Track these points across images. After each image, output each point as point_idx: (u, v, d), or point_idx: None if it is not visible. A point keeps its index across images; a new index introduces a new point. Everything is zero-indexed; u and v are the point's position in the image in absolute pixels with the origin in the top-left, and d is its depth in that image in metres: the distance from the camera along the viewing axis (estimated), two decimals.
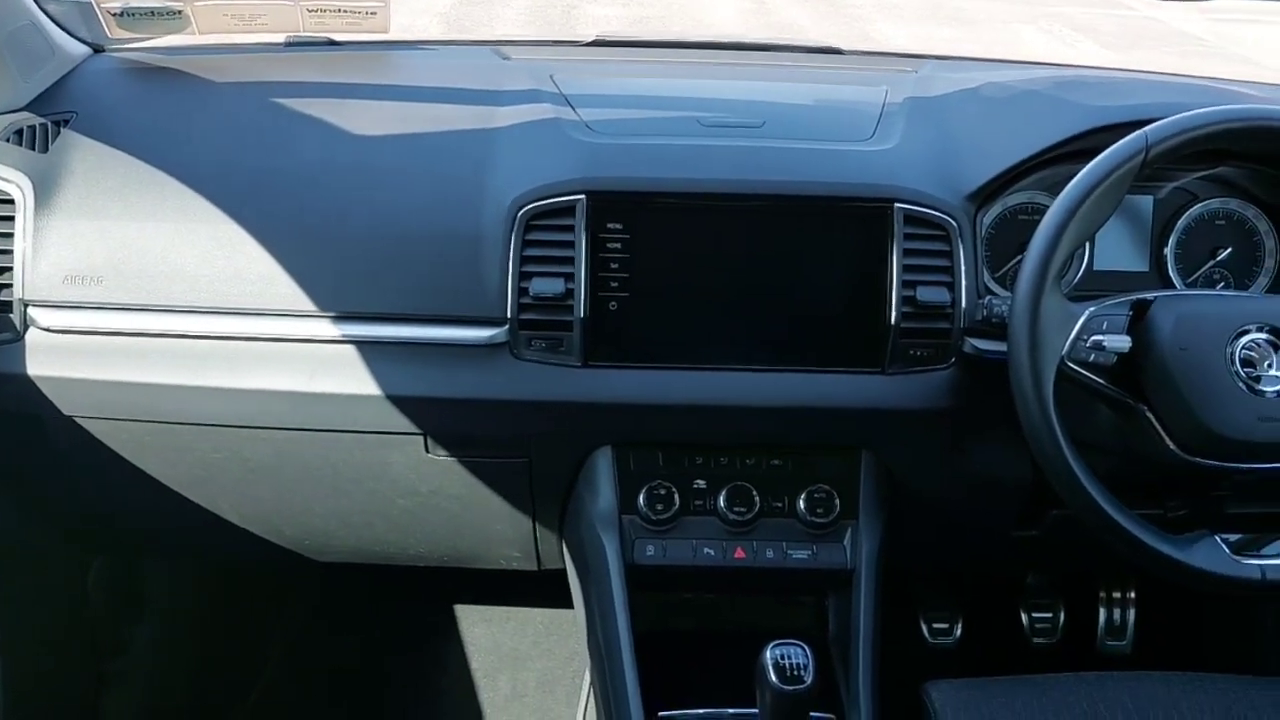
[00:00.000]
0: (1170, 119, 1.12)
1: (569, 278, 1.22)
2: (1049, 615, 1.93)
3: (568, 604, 1.46)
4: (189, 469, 1.38)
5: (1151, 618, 1.90)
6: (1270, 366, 1.11)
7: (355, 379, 1.25)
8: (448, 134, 1.33)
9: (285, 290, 1.24)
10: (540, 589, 1.66)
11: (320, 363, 1.25)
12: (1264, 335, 1.12)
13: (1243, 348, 1.11)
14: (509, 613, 2.00)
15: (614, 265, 1.24)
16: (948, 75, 1.51)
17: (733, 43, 1.76)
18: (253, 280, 1.24)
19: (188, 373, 1.26)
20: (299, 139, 1.33)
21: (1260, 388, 1.10)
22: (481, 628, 1.99)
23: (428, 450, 1.31)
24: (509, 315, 1.23)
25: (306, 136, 1.33)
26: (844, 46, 1.77)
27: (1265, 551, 1.12)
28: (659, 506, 1.31)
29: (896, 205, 1.25)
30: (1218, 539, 1.11)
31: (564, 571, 1.46)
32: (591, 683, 1.39)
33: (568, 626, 1.94)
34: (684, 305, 1.26)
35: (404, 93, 1.45)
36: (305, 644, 1.97)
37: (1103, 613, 1.92)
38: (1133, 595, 1.91)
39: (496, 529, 1.43)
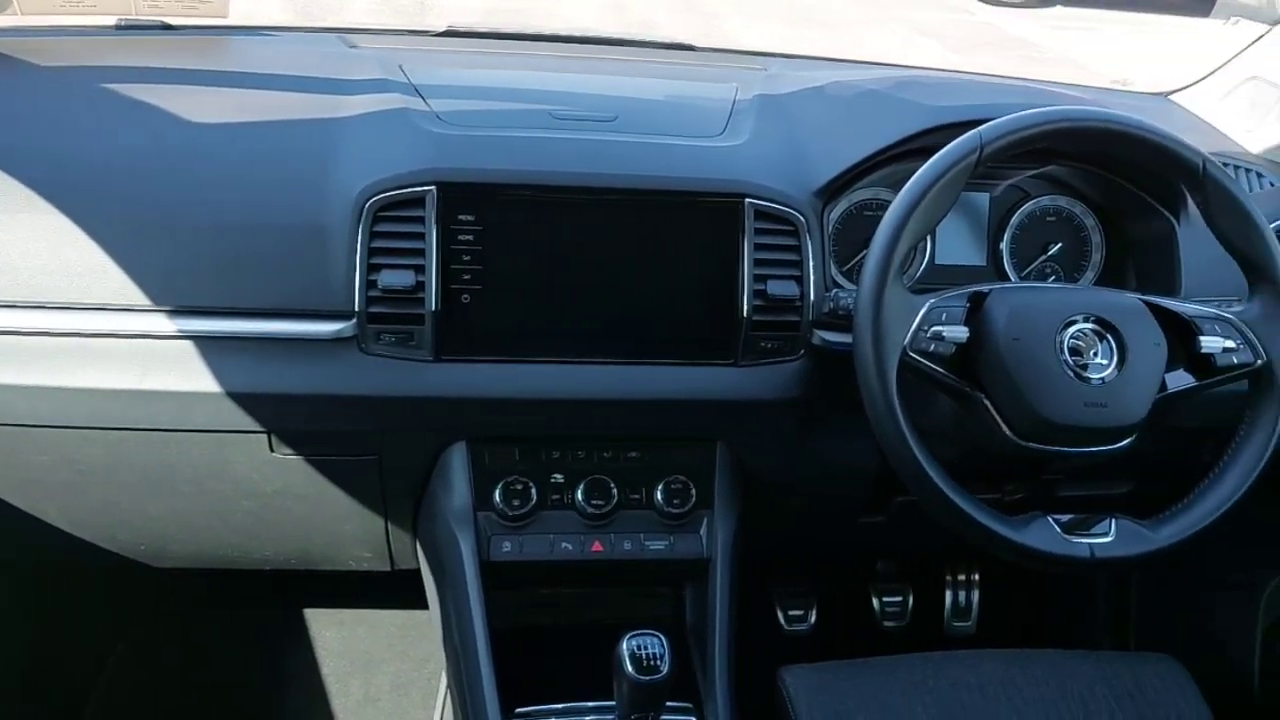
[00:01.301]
0: (1002, 119, 1.15)
1: (419, 270, 1.20)
2: (899, 599, 1.99)
3: (423, 604, 1.44)
4: (12, 473, 1.30)
5: (995, 599, 1.98)
6: (1096, 355, 1.16)
7: (192, 376, 1.20)
8: (291, 123, 1.29)
9: (116, 284, 1.17)
10: (394, 590, 1.63)
11: (153, 359, 1.19)
12: (1090, 325, 1.17)
13: (1070, 337, 1.16)
14: (361, 615, 1.95)
15: (466, 258, 1.22)
16: (795, 74, 1.54)
17: (586, 36, 1.76)
18: (80, 273, 1.17)
19: (10, 371, 1.19)
20: (131, 126, 1.27)
21: (1087, 375, 1.15)
22: (333, 631, 1.93)
23: (272, 449, 1.27)
24: (356, 308, 1.19)
25: (139, 124, 1.27)
26: (697, 43, 1.79)
27: (1094, 531, 1.17)
28: (515, 502, 1.30)
29: (747, 200, 1.26)
30: (1050, 520, 1.16)
31: (418, 571, 1.44)
32: (448, 684, 1.37)
33: (423, 628, 1.91)
34: (538, 298, 1.25)
35: (245, 80, 1.39)
36: (145, 650, 1.88)
37: (949, 595, 1.99)
38: (977, 578, 1.99)
39: (347, 529, 1.40)
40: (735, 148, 1.33)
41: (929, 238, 1.43)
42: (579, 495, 1.31)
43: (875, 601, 1.98)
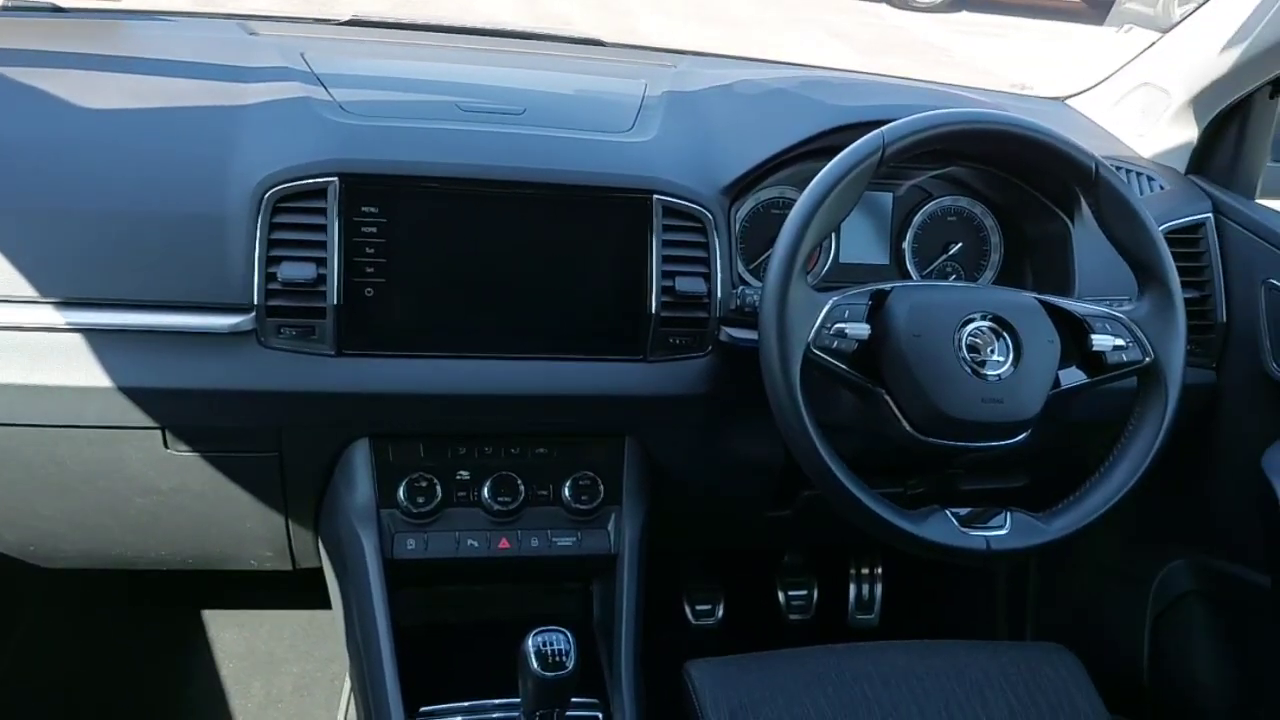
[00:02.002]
0: (905, 120, 1.17)
1: (321, 263, 1.17)
2: (804, 593, 2.02)
3: (326, 604, 1.41)
4: None
5: (897, 592, 2.02)
6: (993, 352, 1.18)
7: (83, 370, 1.16)
8: (187, 110, 1.25)
9: (2, 275, 1.13)
10: (296, 589, 1.59)
11: (42, 353, 1.15)
12: (987, 323, 1.19)
13: (969, 334, 1.18)
14: (262, 616, 1.91)
15: (369, 250, 1.20)
16: (704, 71, 1.55)
17: (494, 29, 1.74)
18: None
19: None
20: (16, 111, 1.22)
21: (984, 372, 1.17)
22: (232, 632, 1.88)
23: (167, 445, 1.23)
24: (255, 301, 1.17)
25: (25, 108, 1.22)
26: (607, 39, 1.78)
27: (990, 524, 1.19)
28: (420, 499, 1.28)
29: (655, 197, 1.27)
30: (948, 513, 1.18)
31: (321, 570, 1.41)
32: (351, 684, 1.35)
33: (326, 627, 1.88)
34: (444, 292, 1.24)
35: (138, 66, 1.35)
36: (35, 650, 1.81)
37: (853, 588, 2.03)
38: (880, 571, 2.03)
39: (246, 527, 1.36)
40: (644, 144, 1.33)
41: (833, 236, 1.44)
42: (485, 492, 1.30)
43: (781, 595, 2.01)
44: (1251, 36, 1.37)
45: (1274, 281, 1.39)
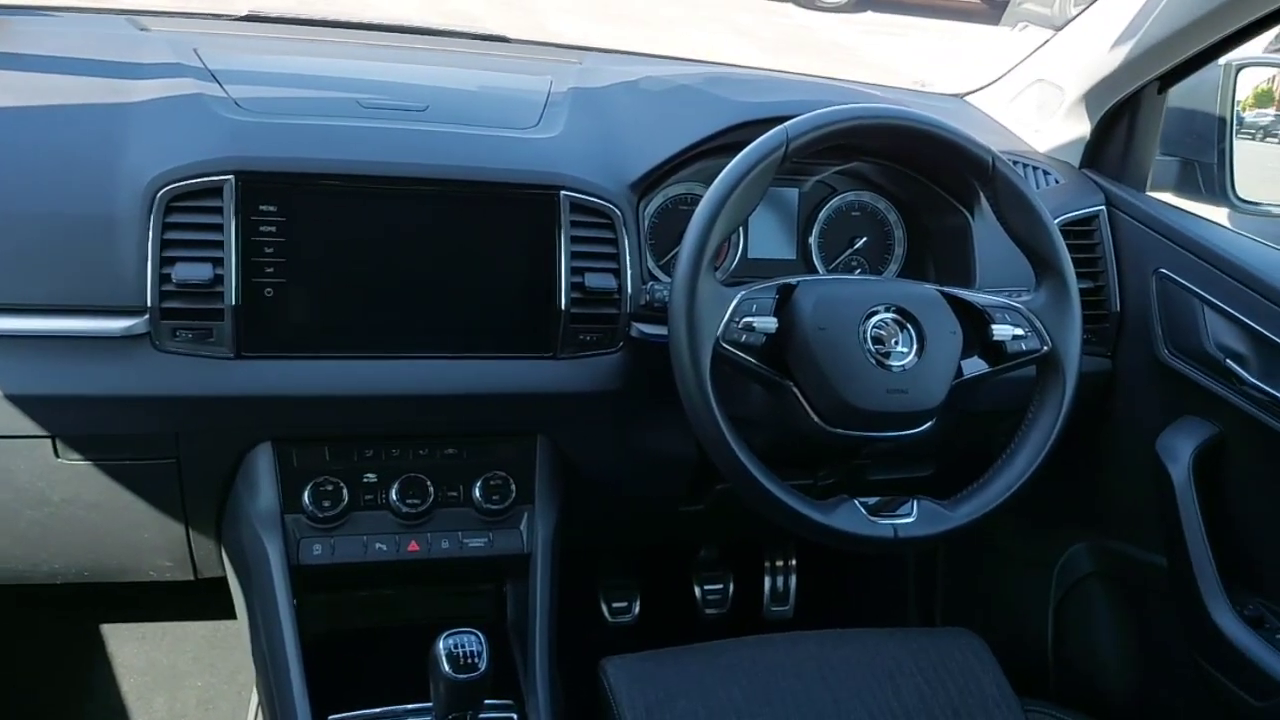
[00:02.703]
0: (808, 115, 1.18)
1: (217, 263, 1.14)
2: (719, 587, 2.03)
3: (230, 614, 1.38)
4: None
5: (811, 583, 2.05)
6: (897, 343, 1.20)
7: None
8: (74, 108, 1.20)
9: None
10: (199, 600, 1.55)
11: None
12: (891, 315, 1.21)
13: (873, 326, 1.20)
14: (165, 628, 1.85)
15: (269, 250, 1.17)
16: (610, 68, 1.55)
17: (397, 26, 1.71)
18: None
19: None
20: None
21: (889, 363, 1.19)
22: (133, 646, 1.82)
23: (58, 454, 1.19)
24: (149, 304, 1.13)
25: None
26: (511, 36, 1.77)
27: (898, 512, 1.21)
28: (326, 503, 1.26)
29: (562, 193, 1.26)
30: (856, 503, 1.20)
31: (224, 579, 1.37)
32: (258, 696, 1.32)
33: (232, 638, 1.83)
34: (347, 292, 1.21)
35: (21, 62, 1.29)
36: None
37: (767, 581, 2.04)
38: (794, 563, 2.05)
39: (144, 537, 1.32)
40: (550, 140, 1.32)
41: (741, 232, 1.45)
42: (393, 494, 1.28)
43: (697, 590, 2.01)
44: (1139, 34, 1.41)
45: (1164, 271, 1.44)
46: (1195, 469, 1.37)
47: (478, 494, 1.31)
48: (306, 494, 1.25)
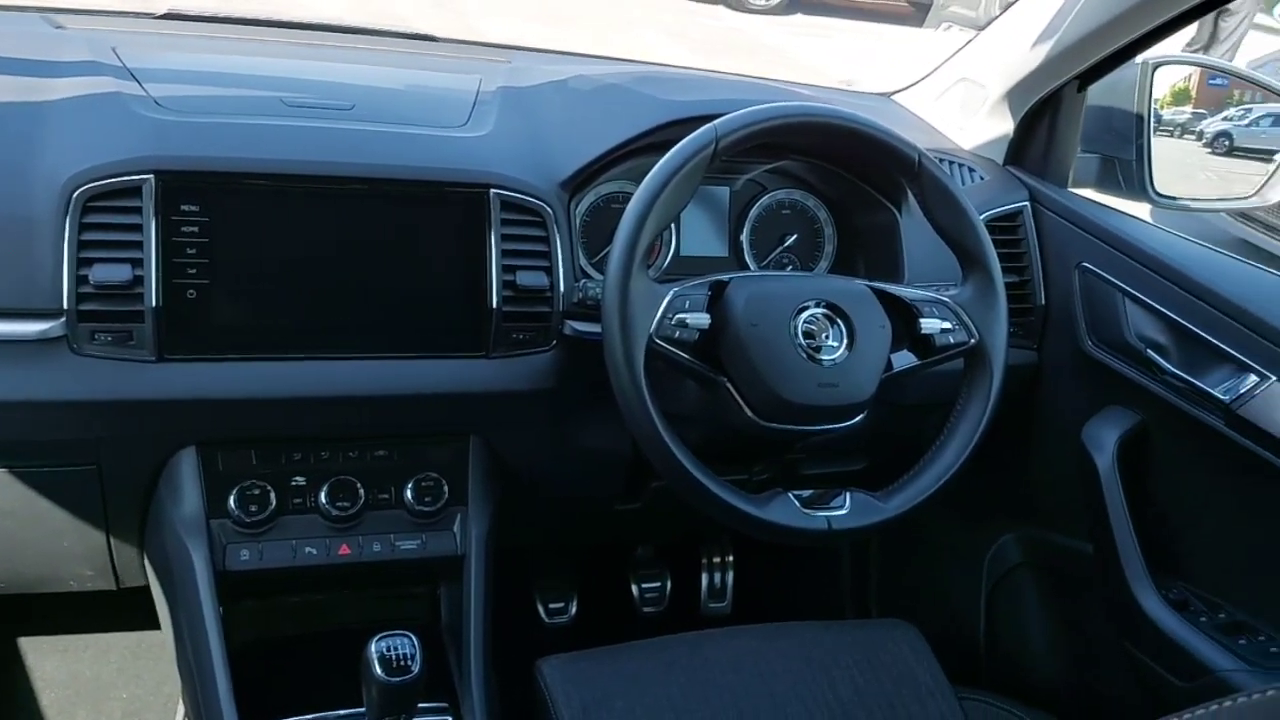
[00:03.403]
0: (736, 114, 1.19)
1: (137, 264, 1.11)
2: (657, 584, 2.03)
3: (155, 624, 1.34)
4: None
5: (748, 578, 2.06)
6: (828, 338, 1.21)
7: None
8: None
9: None
10: (123, 610, 1.51)
11: None
12: (821, 310, 1.22)
13: (804, 322, 1.20)
14: (87, 640, 1.80)
15: (190, 250, 1.14)
16: (539, 67, 1.54)
17: (322, 24, 1.69)
18: None
19: None
20: None
21: (820, 357, 1.20)
22: (55, 659, 1.77)
23: None
24: (65, 306, 1.09)
25: None
26: (439, 35, 1.75)
27: (831, 504, 1.22)
28: (253, 508, 1.23)
29: (492, 191, 1.25)
30: (790, 496, 1.20)
31: (148, 588, 1.34)
32: (185, 707, 1.29)
33: (156, 649, 1.78)
34: (273, 292, 1.19)
35: None
36: None
37: (705, 578, 2.05)
38: (731, 559, 2.06)
39: (64, 546, 1.28)
40: (479, 138, 1.31)
41: (674, 230, 1.46)
42: (323, 497, 1.26)
43: (634, 588, 2.01)
44: (1058, 33, 1.44)
45: (1086, 264, 1.47)
46: (1119, 457, 1.40)
47: (409, 496, 1.29)
48: (232, 498, 1.23)
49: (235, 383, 1.18)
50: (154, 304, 1.12)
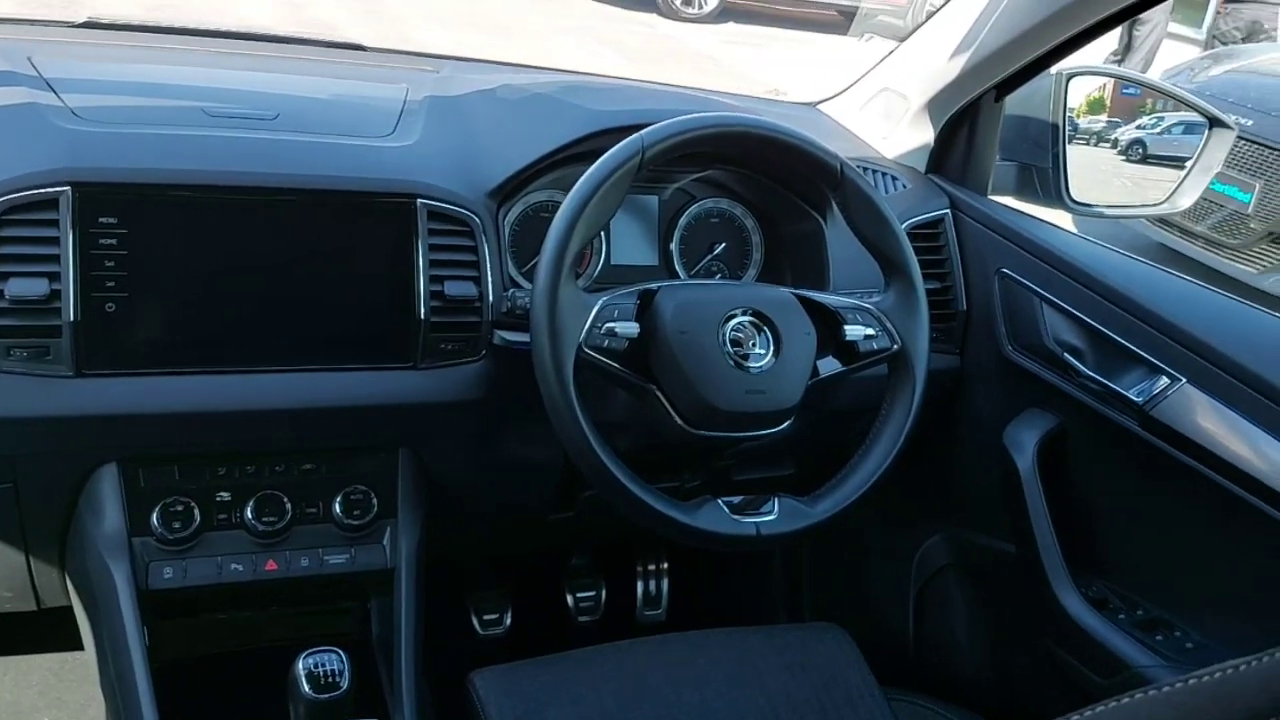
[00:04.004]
0: (663, 124, 1.20)
1: (54, 277, 1.09)
2: (591, 594, 2.03)
3: (77, 644, 1.31)
4: None
5: (683, 585, 2.06)
6: (755, 345, 1.23)
7: None
8: None
9: None
10: (44, 631, 1.48)
11: None
12: (748, 318, 1.23)
13: (731, 329, 1.22)
14: (7, 663, 1.76)
15: (109, 264, 1.12)
16: (467, 76, 1.54)
17: (246, 33, 1.67)
18: None
19: None
20: None
21: (747, 364, 1.21)
22: None
23: None
24: None
25: None
26: (368, 44, 1.74)
27: (761, 510, 1.23)
28: (176, 524, 1.21)
29: (419, 201, 1.25)
30: (720, 502, 1.22)
31: (70, 608, 1.31)
32: None
33: (80, 670, 1.74)
34: (196, 305, 1.17)
35: None
36: None
37: (640, 586, 2.05)
38: (666, 566, 2.06)
39: None
40: (406, 148, 1.30)
41: (604, 239, 1.46)
42: (249, 513, 1.24)
43: (569, 598, 2.01)
44: (975, 44, 1.47)
45: (1006, 270, 1.50)
46: (1039, 459, 1.43)
47: (338, 509, 1.28)
48: (155, 515, 1.21)
49: (157, 398, 1.16)
50: (71, 318, 1.10)
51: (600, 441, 1.14)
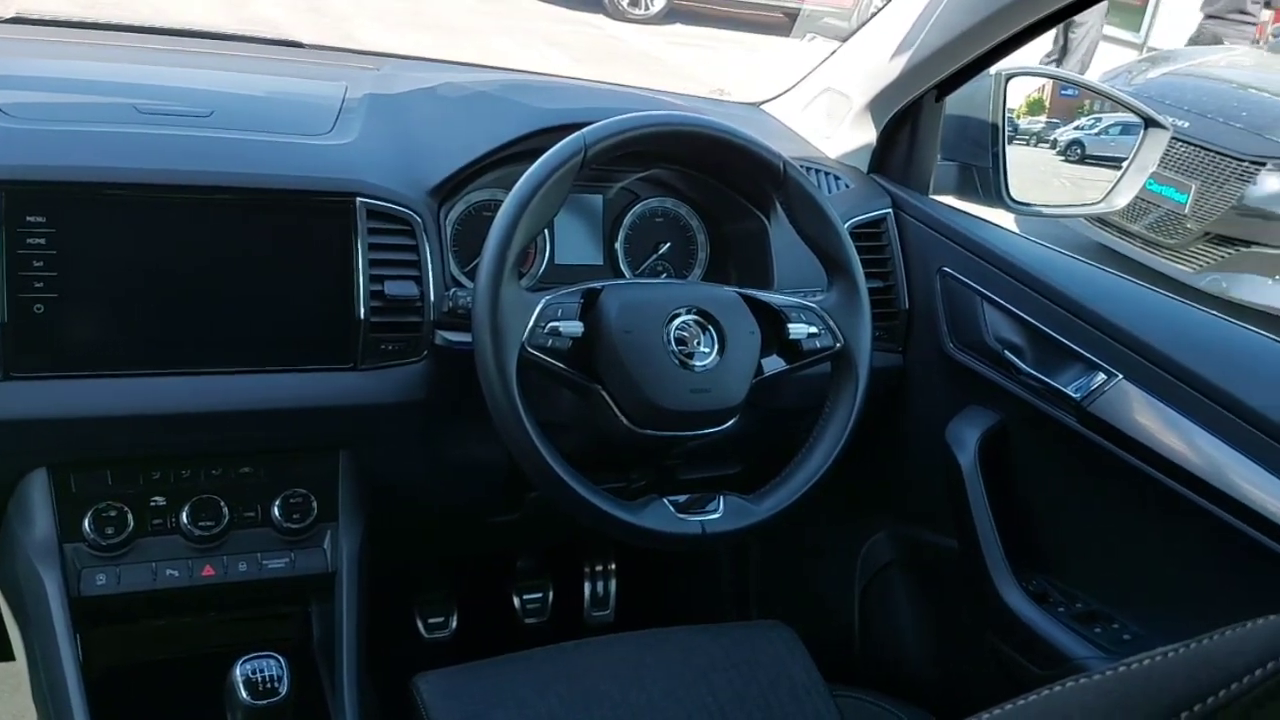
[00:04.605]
0: (605, 122, 1.20)
1: None
2: (538, 596, 2.02)
3: (8, 654, 1.28)
4: None
5: (631, 586, 2.06)
6: (699, 344, 1.23)
7: None
8: None
9: None
10: None
11: None
12: (693, 317, 1.24)
13: (676, 328, 1.22)
14: None
15: (38, 264, 1.09)
16: (407, 74, 1.52)
17: (180, 30, 1.63)
18: None
19: None
20: None
21: (692, 363, 1.21)
22: None
23: None
24: None
25: None
26: (306, 41, 1.71)
27: (706, 509, 1.23)
28: (109, 530, 1.18)
29: (358, 199, 1.23)
30: (665, 501, 1.22)
31: (0, 618, 1.28)
32: None
33: (10, 680, 1.69)
34: (128, 306, 1.15)
35: None
36: None
37: (587, 587, 2.04)
38: (614, 567, 2.06)
39: None
40: (344, 146, 1.29)
41: (548, 238, 1.45)
42: (184, 518, 1.22)
43: (516, 600, 2.00)
44: (915, 45, 1.49)
45: (947, 269, 1.51)
46: (981, 455, 1.44)
47: (277, 513, 1.26)
48: (87, 521, 1.18)
49: (88, 401, 1.14)
50: None
51: (544, 442, 1.14)
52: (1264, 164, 4.17)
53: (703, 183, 1.48)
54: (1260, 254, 4.21)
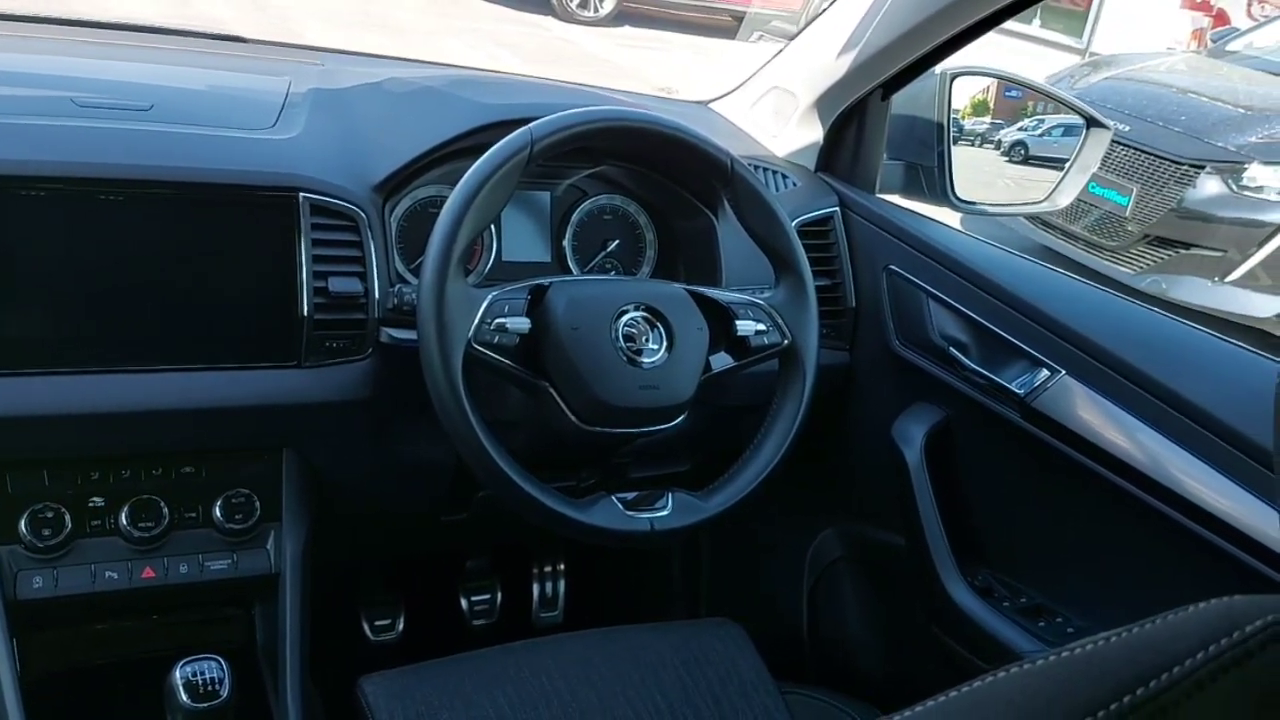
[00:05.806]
0: (552, 117, 1.19)
1: None
2: (486, 597, 2.00)
3: None
4: None
5: (581, 586, 2.05)
6: (648, 341, 1.23)
7: None
8: None
9: None
10: None
11: None
12: (641, 313, 1.23)
13: (624, 325, 1.22)
14: None
15: None
16: (352, 69, 1.51)
17: (120, 24, 1.60)
18: None
19: None
20: None
21: (640, 360, 1.21)
22: None
23: None
24: None
25: None
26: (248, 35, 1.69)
27: (655, 506, 1.23)
28: (46, 532, 1.16)
29: (301, 195, 1.21)
30: (614, 499, 1.21)
31: None
32: None
33: None
34: (65, 302, 1.12)
35: None
36: None
37: (536, 587, 2.03)
38: (563, 567, 2.05)
39: None
40: (288, 141, 1.27)
41: (495, 235, 1.45)
42: (124, 519, 1.19)
43: (464, 601, 1.98)
44: (861, 43, 1.50)
45: (894, 267, 1.53)
46: (927, 452, 1.46)
47: (219, 514, 1.24)
48: (23, 522, 1.15)
49: (22, 399, 1.11)
50: None
51: (492, 440, 1.13)
52: (1203, 167, 4.27)
53: (651, 180, 1.48)
54: (1199, 256, 4.30)
